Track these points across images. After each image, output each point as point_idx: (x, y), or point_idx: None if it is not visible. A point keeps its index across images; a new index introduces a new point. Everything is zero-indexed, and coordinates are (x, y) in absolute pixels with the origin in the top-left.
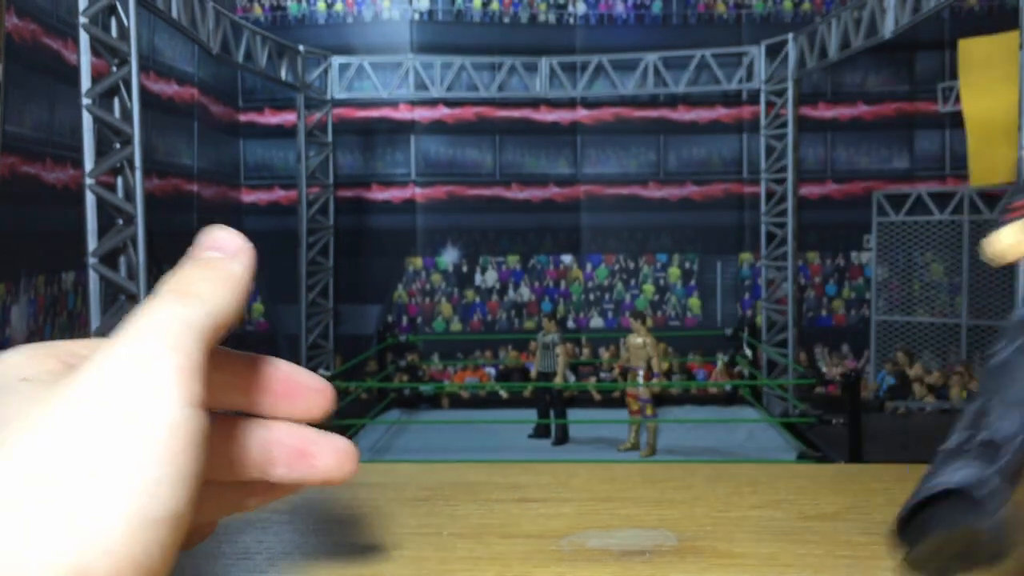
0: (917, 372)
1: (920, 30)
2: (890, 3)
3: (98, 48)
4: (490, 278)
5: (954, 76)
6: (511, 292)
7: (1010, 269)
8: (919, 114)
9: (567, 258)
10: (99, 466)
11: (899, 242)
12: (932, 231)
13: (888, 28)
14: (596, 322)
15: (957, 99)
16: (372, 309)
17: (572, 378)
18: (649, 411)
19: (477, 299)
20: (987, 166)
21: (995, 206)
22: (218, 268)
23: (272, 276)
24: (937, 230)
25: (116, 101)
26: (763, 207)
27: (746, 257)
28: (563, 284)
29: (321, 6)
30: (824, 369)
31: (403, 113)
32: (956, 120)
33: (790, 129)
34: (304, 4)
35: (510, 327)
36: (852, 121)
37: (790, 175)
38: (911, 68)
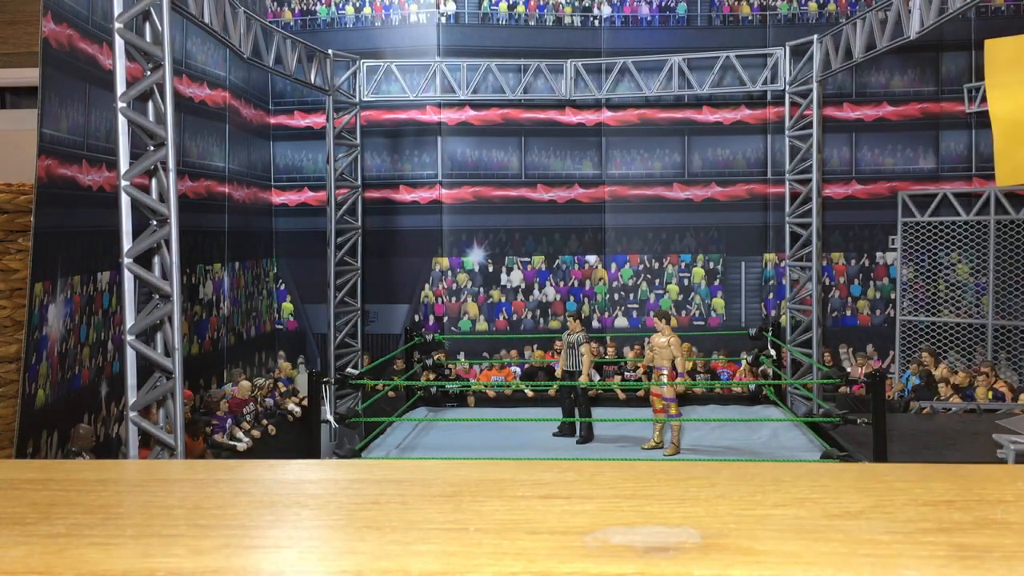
0: (943, 373)
1: (946, 30)
2: (916, 3)
3: (132, 53)
4: (515, 278)
5: (980, 76)
6: (536, 292)
7: None
8: (945, 114)
9: (592, 258)
10: None
11: (924, 242)
12: (958, 231)
13: (914, 28)
14: (620, 322)
15: (983, 99)
16: (399, 308)
17: (597, 377)
18: (673, 410)
19: (503, 299)
20: (1014, 166)
21: (1022, 206)
22: None
23: (301, 276)
24: (963, 230)
25: (150, 104)
26: (787, 208)
27: (770, 257)
28: (588, 284)
29: (349, 10)
30: (849, 369)
31: (430, 115)
32: (982, 120)
33: (815, 130)
34: (333, 8)
35: (535, 326)
36: (877, 122)
37: (815, 176)
38: (937, 68)
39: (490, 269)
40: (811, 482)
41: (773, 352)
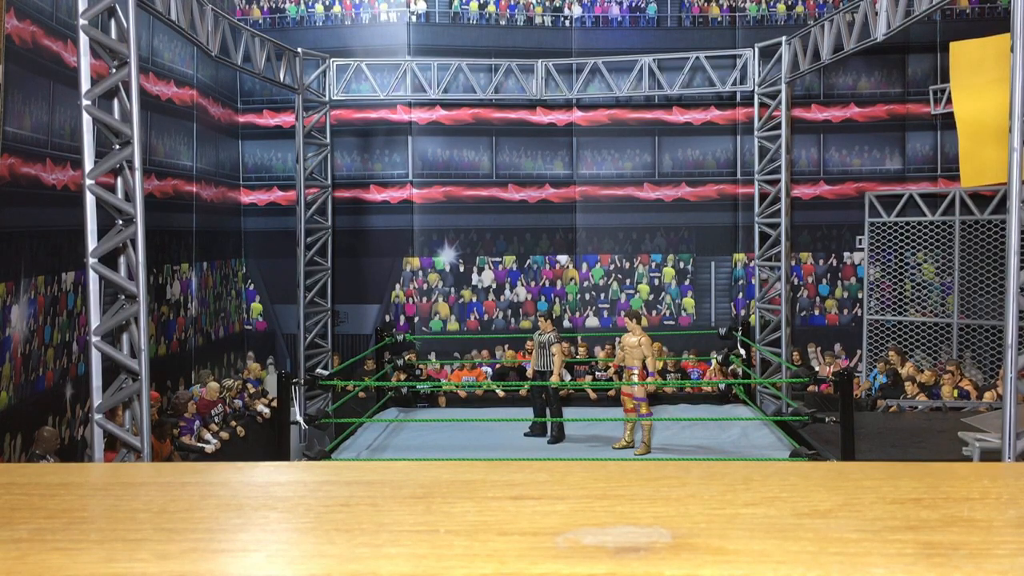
0: (909, 371)
1: (912, 33)
2: (882, 6)
3: (98, 50)
4: (487, 278)
5: (946, 78)
6: (507, 292)
7: (1001, 268)
8: (911, 116)
9: (563, 258)
10: None
11: (891, 242)
12: (923, 231)
13: (880, 30)
14: (591, 321)
15: (948, 101)
16: (370, 309)
17: (568, 377)
18: (644, 409)
19: (474, 299)
20: (978, 167)
21: (986, 207)
22: None
23: (271, 276)
24: (928, 230)
25: (116, 102)
26: (756, 208)
27: (740, 257)
28: (559, 284)
29: (319, 8)
30: (817, 368)
31: (400, 114)
32: (947, 122)
33: (783, 131)
34: (302, 6)
35: (506, 326)
36: (844, 123)
37: (783, 176)
38: (903, 70)
39: (461, 269)
40: (781, 481)
41: (743, 351)
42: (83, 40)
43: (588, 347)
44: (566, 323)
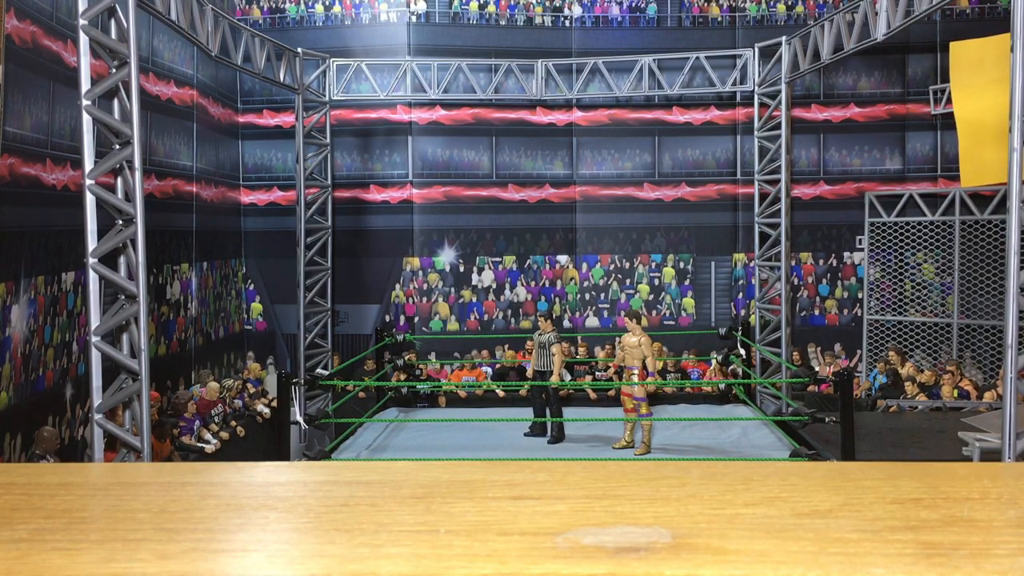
0: (909, 371)
1: (912, 33)
2: (882, 6)
3: (97, 50)
4: (487, 278)
5: (945, 78)
6: (507, 292)
7: (1001, 268)
8: (911, 116)
9: (563, 258)
10: None
11: (891, 242)
12: (923, 231)
13: (880, 30)
14: (591, 321)
15: (949, 101)
16: (370, 309)
17: (568, 377)
18: (644, 409)
19: (474, 299)
20: (978, 167)
21: (986, 207)
22: None
23: (271, 276)
24: (928, 230)
25: (116, 102)
26: (756, 208)
27: (740, 257)
28: (559, 284)
29: (319, 9)
30: (817, 368)
31: (400, 114)
32: (947, 122)
33: (783, 131)
34: (302, 6)
35: (506, 326)
36: (844, 123)
37: (783, 176)
38: (903, 70)
39: (461, 269)
40: (781, 481)
41: (743, 351)
42: (83, 40)
43: (588, 347)
44: (566, 323)
